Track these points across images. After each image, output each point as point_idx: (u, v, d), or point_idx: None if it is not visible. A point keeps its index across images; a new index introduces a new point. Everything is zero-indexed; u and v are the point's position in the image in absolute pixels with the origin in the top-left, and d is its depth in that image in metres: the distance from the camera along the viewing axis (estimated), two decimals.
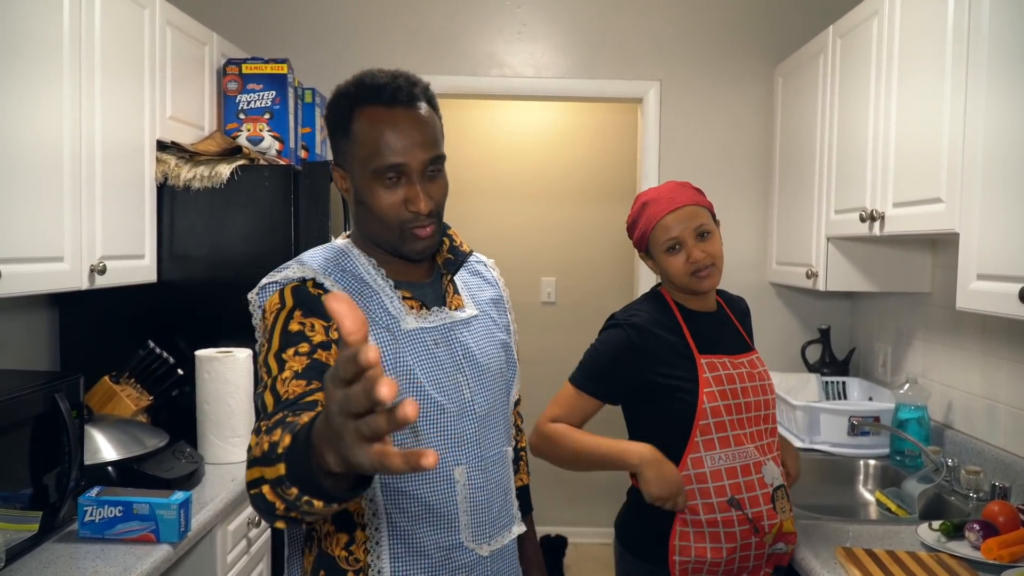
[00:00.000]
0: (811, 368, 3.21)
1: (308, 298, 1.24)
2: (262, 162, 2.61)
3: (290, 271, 1.30)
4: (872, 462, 2.61)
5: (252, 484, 1.00)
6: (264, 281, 1.31)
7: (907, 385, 2.59)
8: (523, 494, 1.58)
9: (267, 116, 2.81)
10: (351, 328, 0.70)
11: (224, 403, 2.32)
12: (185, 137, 2.58)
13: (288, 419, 1.03)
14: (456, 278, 1.43)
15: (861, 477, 2.62)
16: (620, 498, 1.91)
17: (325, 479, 0.87)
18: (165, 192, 2.48)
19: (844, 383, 3.05)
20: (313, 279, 1.27)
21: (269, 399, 1.15)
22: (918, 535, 1.84)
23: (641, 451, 1.71)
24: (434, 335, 1.31)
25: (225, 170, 2.48)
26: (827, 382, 3.05)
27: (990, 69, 1.73)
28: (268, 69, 2.82)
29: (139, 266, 2.34)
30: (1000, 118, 1.69)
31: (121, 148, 2.21)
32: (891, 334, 3.00)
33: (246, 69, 2.82)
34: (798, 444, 2.70)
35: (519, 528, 1.41)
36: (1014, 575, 1.57)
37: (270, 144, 2.80)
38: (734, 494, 1.71)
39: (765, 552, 1.74)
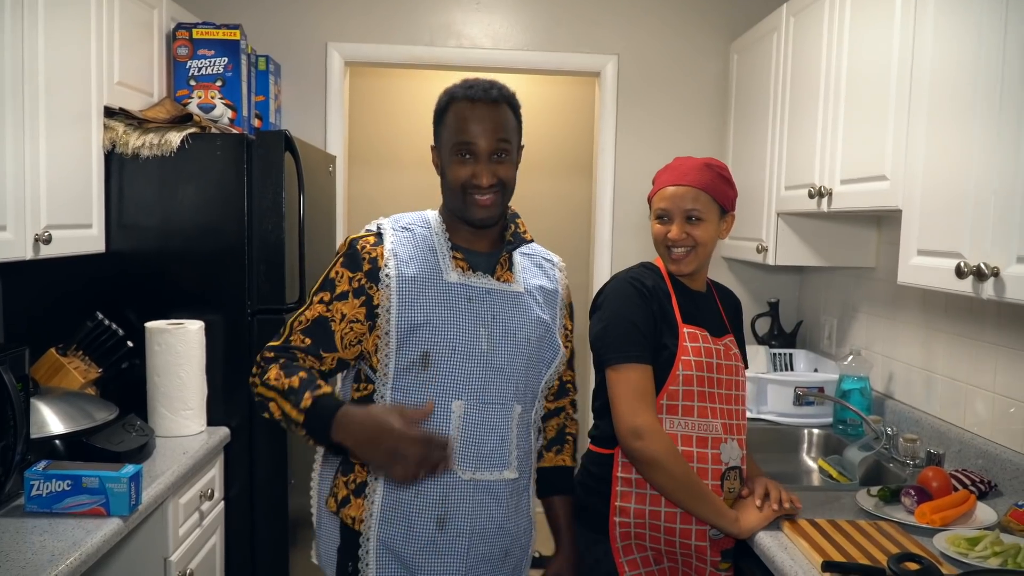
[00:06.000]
0: (760, 340, 3.29)
1: (354, 251, 1.61)
2: (214, 130, 2.56)
3: (376, 221, 1.67)
4: (816, 431, 2.69)
5: (261, 398, 1.53)
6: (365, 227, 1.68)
7: (851, 357, 2.67)
8: (563, 474, 1.83)
9: (219, 83, 2.76)
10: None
11: (175, 375, 2.30)
12: (133, 103, 2.52)
13: (301, 373, 1.51)
14: (516, 261, 1.70)
15: (805, 445, 2.70)
16: (577, 467, 1.94)
17: (331, 441, 1.45)
18: (113, 160, 2.42)
19: (791, 355, 3.13)
20: (379, 229, 1.64)
21: (286, 328, 1.60)
22: (857, 501, 1.90)
23: (731, 519, 1.72)
24: (470, 292, 1.60)
25: (175, 138, 2.44)
26: (775, 354, 3.12)
27: (936, 42, 1.77)
28: (220, 35, 2.76)
29: (86, 236, 2.29)
30: (946, 90, 1.73)
31: (67, 113, 2.15)
32: (837, 307, 3.08)
33: (197, 34, 2.75)
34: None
35: (511, 474, 1.64)
36: (945, 538, 1.64)
37: (222, 112, 2.75)
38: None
39: (708, 532, 1.75)
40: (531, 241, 1.76)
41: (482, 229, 1.65)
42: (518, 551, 1.72)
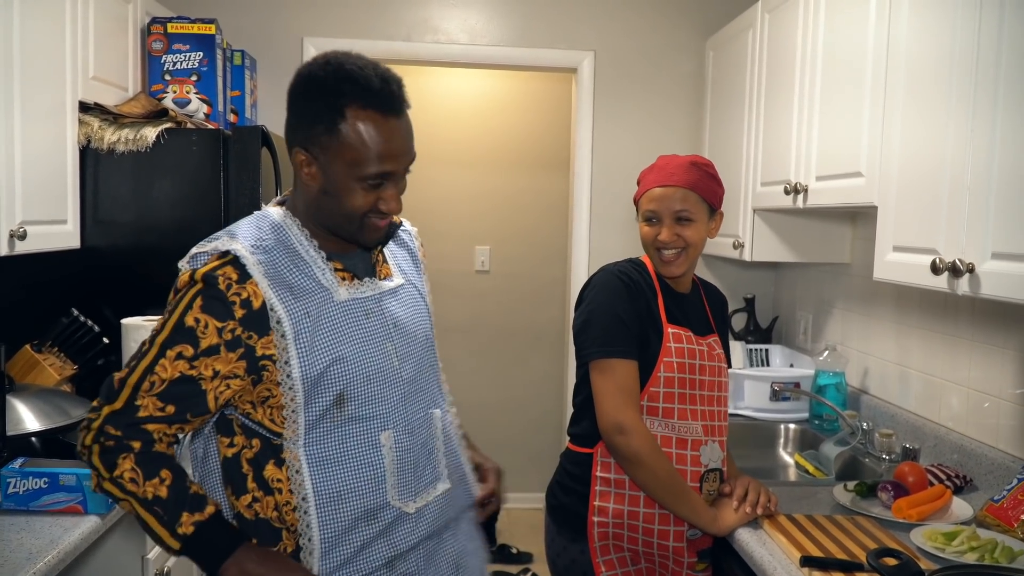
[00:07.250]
0: (736, 336, 3.32)
1: (216, 292, 1.28)
2: (189, 125, 2.54)
3: (219, 242, 1.34)
4: (792, 426, 2.73)
5: (107, 494, 1.30)
6: (194, 250, 1.36)
7: (826, 352, 2.71)
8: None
9: (194, 78, 2.73)
10: None
11: None
12: (108, 98, 2.48)
13: (163, 473, 1.29)
14: (384, 248, 1.49)
15: (781, 440, 2.73)
16: (554, 464, 1.94)
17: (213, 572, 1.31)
18: (88, 155, 2.39)
19: (767, 350, 3.16)
20: (237, 255, 1.30)
21: (127, 390, 1.28)
22: (834, 496, 1.92)
23: (710, 518, 1.73)
24: (365, 305, 1.38)
25: (151, 133, 2.41)
26: (751, 349, 3.15)
27: (910, 37, 1.80)
28: (195, 29, 2.73)
29: (61, 232, 2.25)
30: (921, 86, 1.76)
31: (41, 108, 2.11)
32: (812, 303, 3.12)
33: (171, 28, 2.72)
34: None
35: (444, 485, 1.46)
36: (922, 533, 1.67)
37: (197, 107, 2.72)
38: None
39: (684, 533, 1.76)
40: (400, 224, 1.56)
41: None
42: (471, 545, 1.55)
